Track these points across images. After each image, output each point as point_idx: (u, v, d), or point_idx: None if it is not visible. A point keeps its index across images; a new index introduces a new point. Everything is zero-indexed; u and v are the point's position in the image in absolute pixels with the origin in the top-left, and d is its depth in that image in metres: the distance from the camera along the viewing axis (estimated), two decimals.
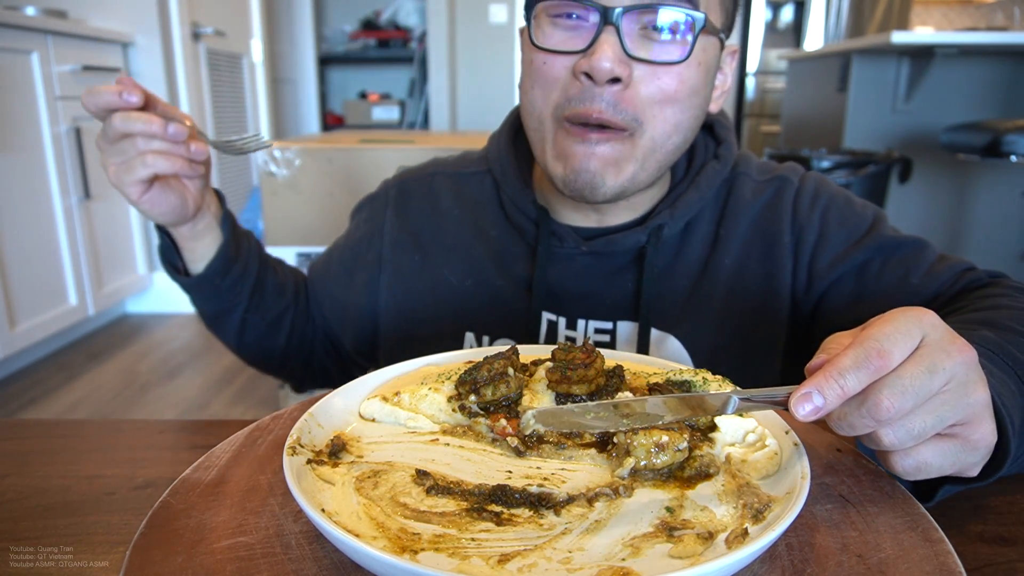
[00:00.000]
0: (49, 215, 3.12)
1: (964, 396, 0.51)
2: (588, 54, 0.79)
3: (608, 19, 0.77)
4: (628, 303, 0.94)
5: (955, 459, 0.52)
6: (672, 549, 0.47)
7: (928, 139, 3.66)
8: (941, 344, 0.50)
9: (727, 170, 0.95)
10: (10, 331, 2.87)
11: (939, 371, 0.49)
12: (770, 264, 0.92)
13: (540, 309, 0.95)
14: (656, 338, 0.93)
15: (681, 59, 0.80)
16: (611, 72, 0.77)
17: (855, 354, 0.49)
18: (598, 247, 0.93)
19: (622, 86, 0.80)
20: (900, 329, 0.50)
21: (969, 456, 0.53)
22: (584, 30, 0.80)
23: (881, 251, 0.88)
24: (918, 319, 0.51)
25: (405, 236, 1.04)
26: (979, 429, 0.52)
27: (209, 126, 4.24)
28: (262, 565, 0.47)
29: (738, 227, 0.93)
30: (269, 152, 2.34)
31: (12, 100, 2.88)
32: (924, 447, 0.51)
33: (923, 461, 0.52)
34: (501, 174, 0.99)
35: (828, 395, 0.49)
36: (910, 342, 0.50)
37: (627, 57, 0.79)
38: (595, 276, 0.95)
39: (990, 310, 0.74)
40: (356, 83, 6.98)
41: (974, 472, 0.55)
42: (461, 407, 0.63)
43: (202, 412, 2.83)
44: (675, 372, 0.65)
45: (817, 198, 0.93)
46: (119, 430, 0.79)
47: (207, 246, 0.96)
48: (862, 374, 0.48)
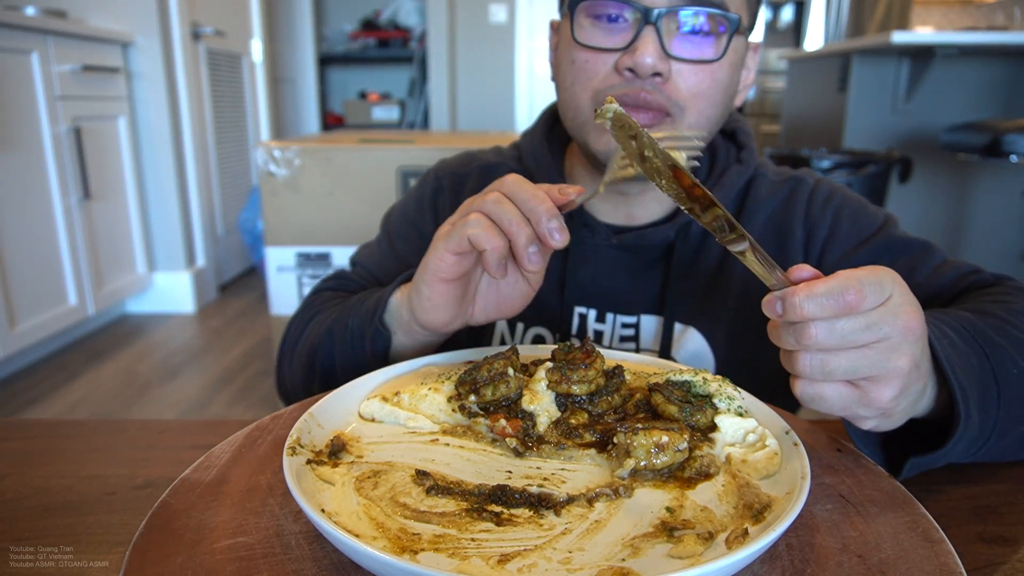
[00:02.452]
0: (49, 215, 3.12)
1: (887, 358, 0.53)
2: (631, 51, 0.82)
3: (648, 19, 0.81)
4: (653, 298, 0.97)
5: (847, 406, 0.55)
6: (672, 549, 0.47)
7: (928, 139, 3.66)
8: (895, 308, 0.52)
9: (749, 172, 0.98)
10: (10, 331, 2.87)
11: (876, 328, 0.51)
12: (782, 258, 0.95)
13: (572, 303, 0.98)
14: (679, 331, 0.96)
15: (716, 58, 0.84)
16: (653, 67, 0.81)
17: (832, 284, 0.51)
18: (628, 241, 0.96)
19: (662, 79, 0.83)
20: (880, 280, 0.52)
21: (862, 410, 0.55)
22: (623, 29, 0.84)
23: (888, 250, 0.90)
24: (894, 280, 0.53)
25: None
26: (883, 391, 0.54)
27: (209, 126, 4.24)
28: (262, 565, 0.47)
29: (754, 223, 0.97)
30: (269, 152, 2.34)
31: (12, 100, 2.88)
32: (829, 385, 0.54)
33: (821, 395, 0.54)
34: (535, 166, 1.02)
35: (788, 308, 0.51)
36: (882, 294, 0.52)
37: (666, 55, 0.83)
38: (623, 271, 0.98)
39: (987, 303, 0.76)
40: (356, 83, 6.98)
41: (865, 426, 0.57)
42: (461, 407, 0.63)
43: (202, 412, 2.83)
44: (675, 372, 0.65)
45: (831, 198, 0.96)
46: (119, 430, 0.79)
47: (417, 344, 0.83)
48: (829, 303, 0.50)
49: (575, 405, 0.63)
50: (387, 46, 6.57)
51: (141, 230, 3.82)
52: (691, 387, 0.64)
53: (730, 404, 0.62)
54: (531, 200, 0.65)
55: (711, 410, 0.61)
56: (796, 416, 0.69)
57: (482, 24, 5.80)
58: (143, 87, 3.76)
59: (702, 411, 0.61)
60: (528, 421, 0.61)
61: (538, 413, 0.62)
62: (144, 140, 3.82)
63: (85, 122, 3.31)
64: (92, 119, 3.38)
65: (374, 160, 2.39)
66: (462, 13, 5.80)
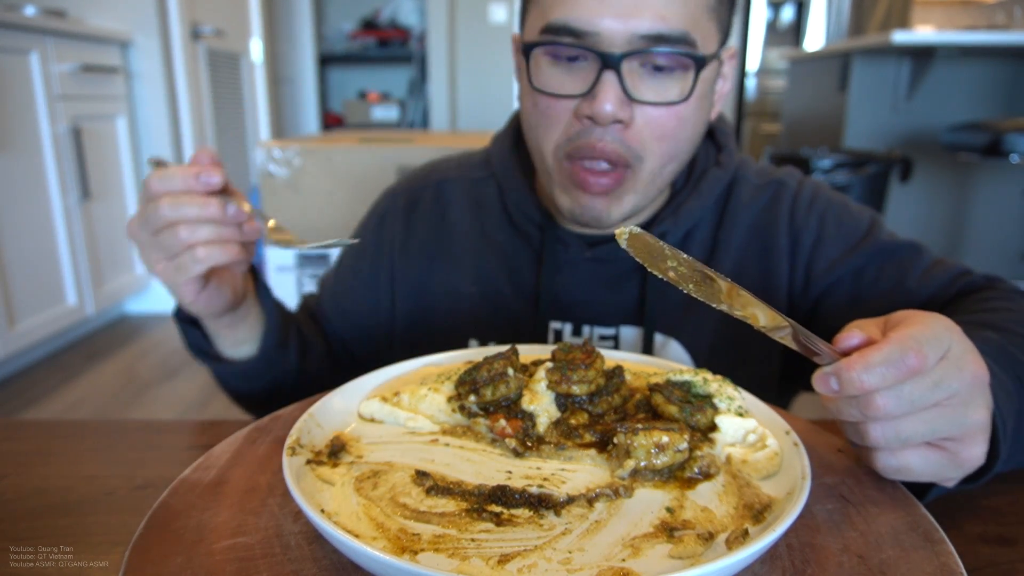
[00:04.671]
0: (48, 215, 3.12)
1: (963, 414, 0.50)
2: (590, 97, 0.78)
3: (608, 63, 0.76)
4: (631, 308, 0.95)
5: (938, 470, 0.52)
6: (672, 549, 0.47)
7: (929, 139, 3.66)
8: (957, 360, 0.50)
9: (728, 176, 0.95)
10: (9, 331, 2.87)
11: (943, 385, 0.49)
12: (767, 267, 0.93)
13: (548, 318, 0.95)
14: (659, 343, 0.93)
15: (682, 99, 0.79)
16: (614, 116, 0.77)
17: (890, 351, 0.48)
18: (602, 254, 0.93)
19: (623, 126, 0.79)
20: (937, 335, 0.49)
21: (952, 471, 0.53)
22: (583, 70, 0.79)
23: (877, 255, 0.89)
24: (949, 329, 0.51)
25: (415, 244, 1.03)
26: (971, 449, 0.52)
27: (209, 126, 4.24)
28: (262, 565, 0.47)
29: (736, 231, 0.94)
30: (268, 152, 2.34)
31: (11, 100, 2.88)
32: (910, 451, 0.51)
33: (906, 464, 0.52)
34: (505, 179, 0.98)
35: (846, 383, 0.48)
36: (940, 350, 0.49)
37: (628, 100, 0.78)
38: (599, 282, 0.95)
39: (990, 312, 0.75)
40: (356, 83, 6.98)
41: (952, 484, 0.55)
42: (461, 407, 0.63)
43: (202, 412, 2.83)
44: (675, 372, 0.65)
45: (814, 202, 0.93)
46: (119, 430, 0.79)
47: (251, 326, 0.85)
48: (891, 372, 0.47)
49: (575, 405, 0.63)
50: (387, 46, 6.57)
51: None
52: (691, 387, 0.64)
53: (730, 404, 0.62)
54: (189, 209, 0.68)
55: (711, 410, 0.61)
56: (796, 416, 0.69)
57: (482, 24, 5.80)
58: (142, 87, 3.75)
59: (702, 411, 0.61)
60: (528, 421, 0.61)
61: (538, 413, 0.62)
62: (143, 140, 3.82)
63: (84, 122, 3.31)
64: (91, 119, 3.38)
65: (374, 160, 2.39)
66: (462, 13, 5.80)
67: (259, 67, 5.03)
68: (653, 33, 0.75)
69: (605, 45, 0.76)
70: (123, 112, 3.65)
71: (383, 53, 6.58)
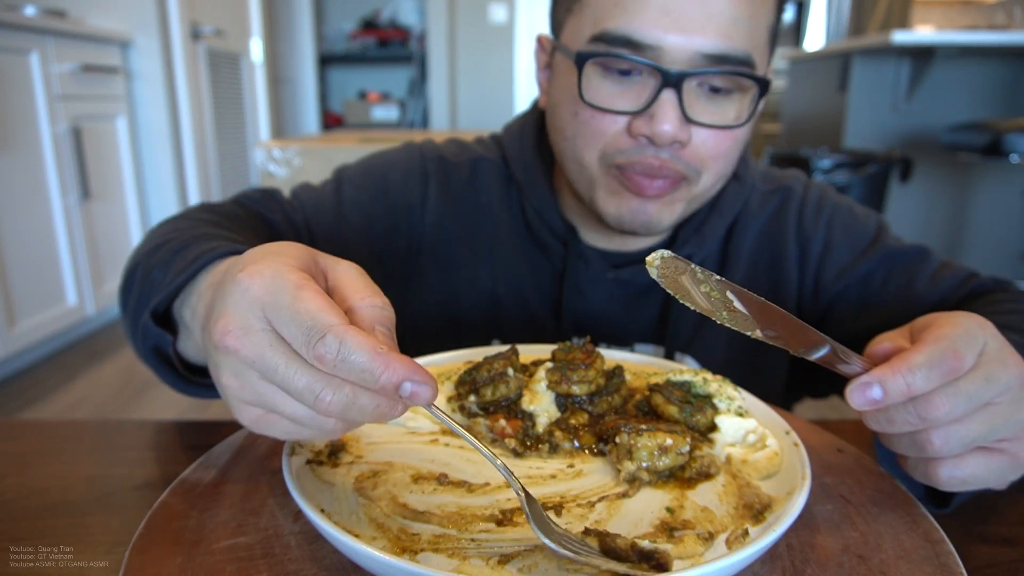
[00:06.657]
0: (48, 215, 3.11)
1: (1016, 411, 0.49)
2: (647, 116, 0.74)
3: (668, 82, 0.72)
4: (647, 326, 0.94)
5: (1001, 474, 0.51)
6: (672, 549, 0.47)
7: (929, 139, 3.66)
8: (999, 356, 0.49)
9: (747, 191, 0.93)
10: (9, 331, 2.87)
11: (995, 381, 0.47)
12: (776, 276, 0.93)
13: (568, 334, 0.94)
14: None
15: (739, 123, 0.77)
16: (673, 137, 0.74)
17: (929, 351, 0.46)
18: (625, 276, 0.91)
19: (679, 145, 0.76)
20: (971, 333, 0.48)
21: (1012, 473, 0.51)
22: (638, 85, 0.75)
23: (885, 261, 0.88)
24: (982, 326, 0.50)
25: (449, 223, 0.96)
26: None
27: (209, 125, 4.24)
28: (262, 565, 0.47)
29: (745, 242, 0.94)
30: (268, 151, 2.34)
31: (11, 100, 2.88)
32: (973, 458, 0.49)
33: (971, 473, 0.49)
34: (529, 186, 0.93)
35: (891, 389, 0.46)
36: (977, 348, 0.48)
37: (687, 120, 0.75)
38: (618, 301, 0.94)
39: (1005, 315, 0.74)
40: (356, 83, 6.98)
41: (1004, 487, 0.54)
42: (461, 407, 0.63)
43: (202, 412, 2.83)
44: (675, 372, 0.65)
45: (821, 209, 0.93)
46: (119, 430, 0.79)
47: None
48: (934, 373, 0.46)
49: (575, 405, 0.63)
50: (387, 46, 6.57)
51: (141, 230, 3.81)
52: (691, 387, 0.64)
53: (730, 404, 0.62)
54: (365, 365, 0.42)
55: (711, 410, 0.61)
56: (796, 416, 0.69)
57: (482, 24, 5.80)
58: (142, 87, 3.76)
59: (702, 411, 0.61)
60: (528, 421, 0.61)
61: (538, 413, 0.62)
62: (144, 140, 3.82)
63: (84, 122, 3.31)
64: (91, 119, 3.38)
65: None
66: (462, 13, 5.81)
67: (259, 67, 5.03)
68: (717, 53, 0.72)
69: (666, 61, 0.72)
70: (123, 112, 3.65)
71: (383, 53, 6.59)
